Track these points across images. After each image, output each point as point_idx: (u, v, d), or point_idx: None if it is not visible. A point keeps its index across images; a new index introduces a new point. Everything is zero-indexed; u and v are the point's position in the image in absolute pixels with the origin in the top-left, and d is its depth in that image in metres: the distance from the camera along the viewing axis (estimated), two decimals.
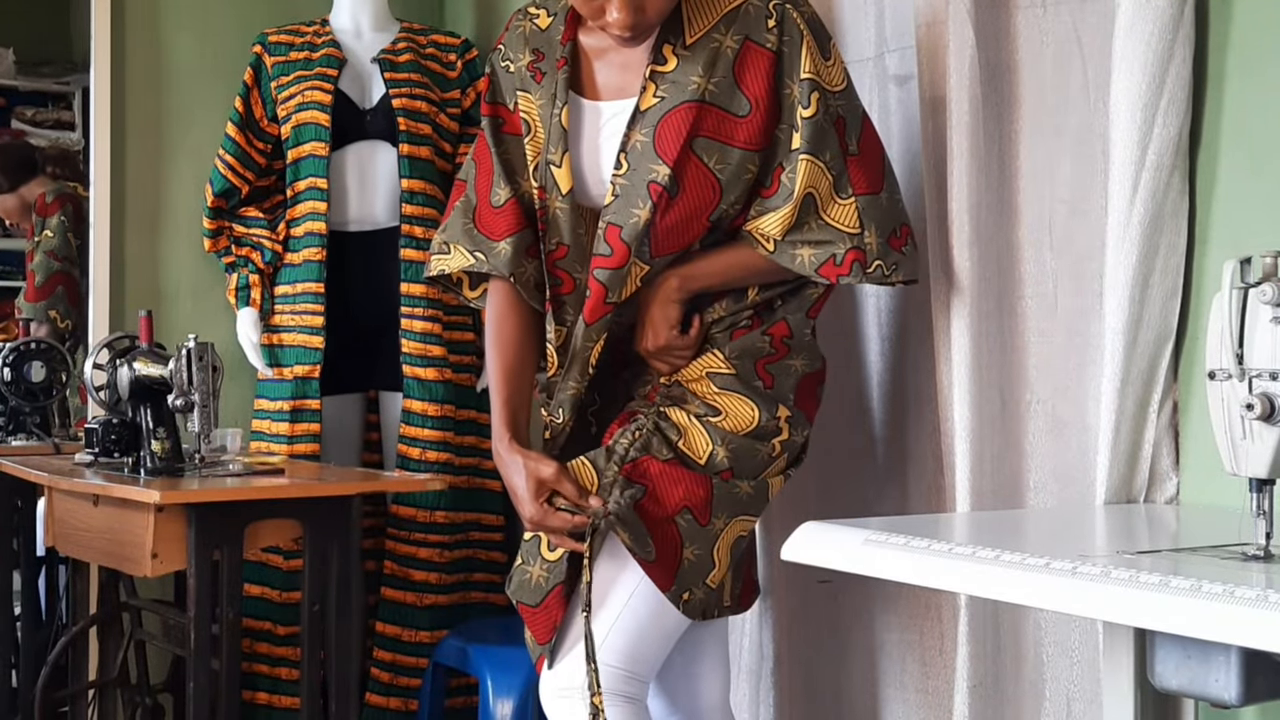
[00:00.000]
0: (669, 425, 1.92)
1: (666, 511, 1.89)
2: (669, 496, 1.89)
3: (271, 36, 3.25)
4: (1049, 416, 1.95)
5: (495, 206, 2.01)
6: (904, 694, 2.23)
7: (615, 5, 1.81)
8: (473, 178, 2.07)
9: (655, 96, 1.90)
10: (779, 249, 1.91)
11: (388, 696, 3.08)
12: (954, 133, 1.99)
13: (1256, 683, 1.36)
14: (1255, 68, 1.74)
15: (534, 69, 2.00)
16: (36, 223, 3.86)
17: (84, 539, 2.70)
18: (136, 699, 3.05)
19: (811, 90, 1.88)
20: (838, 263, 1.89)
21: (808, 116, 1.88)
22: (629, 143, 1.91)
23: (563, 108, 1.94)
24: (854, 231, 1.89)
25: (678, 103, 1.88)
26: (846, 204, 1.90)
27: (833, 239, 1.90)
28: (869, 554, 1.49)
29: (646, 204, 1.89)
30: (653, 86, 1.90)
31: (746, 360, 1.95)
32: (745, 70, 1.89)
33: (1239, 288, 1.36)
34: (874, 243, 1.90)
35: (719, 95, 1.88)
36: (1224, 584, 1.18)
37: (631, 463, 1.89)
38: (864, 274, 1.90)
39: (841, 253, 1.89)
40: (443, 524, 3.12)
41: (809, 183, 1.88)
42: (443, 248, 2.06)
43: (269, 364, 3.18)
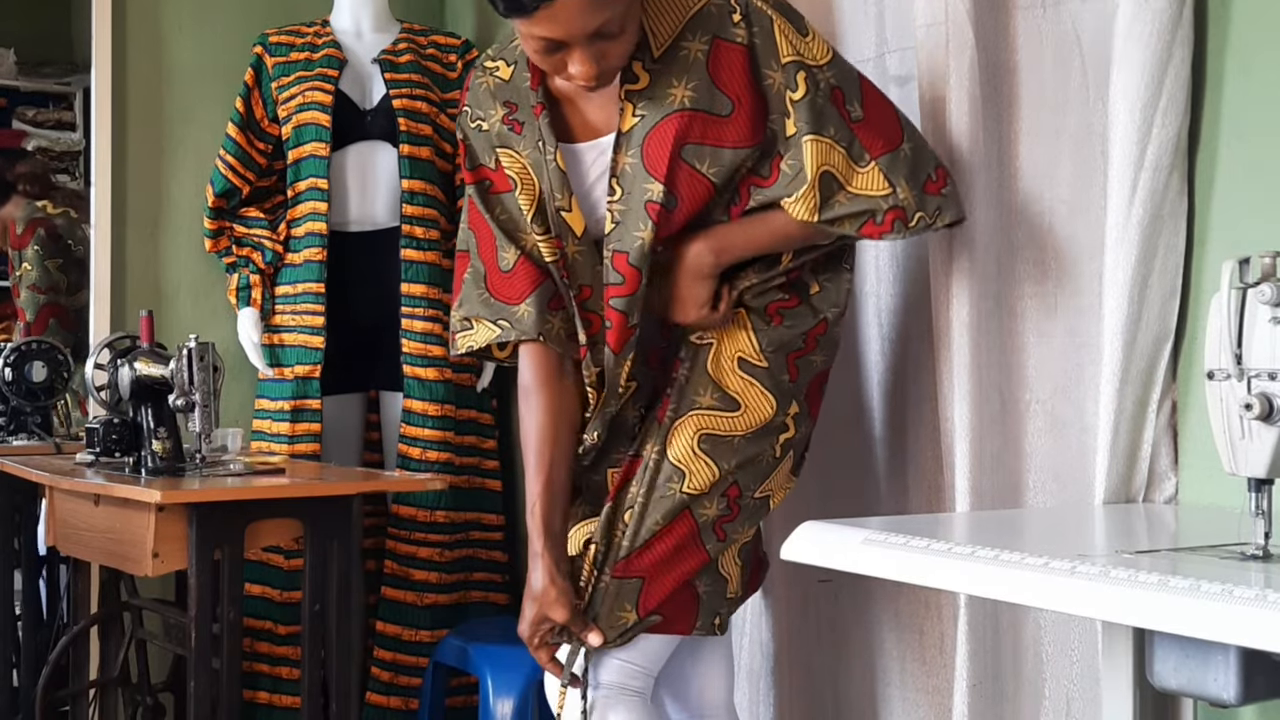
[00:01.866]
0: (671, 470, 1.89)
1: (666, 589, 1.89)
2: (667, 578, 1.89)
3: (272, 37, 3.26)
4: (1048, 416, 1.95)
5: (505, 271, 1.96)
6: (904, 693, 2.23)
7: (575, 59, 1.75)
8: (474, 247, 2.02)
9: (635, 116, 1.86)
10: (815, 229, 1.90)
11: (388, 696, 3.09)
12: (954, 133, 1.99)
13: (1255, 682, 1.36)
14: (1254, 68, 1.74)
15: (510, 121, 1.94)
16: (14, 256, 3.82)
17: (85, 538, 2.71)
18: (137, 698, 3.05)
19: (797, 71, 1.85)
20: (878, 222, 1.87)
21: (799, 99, 1.85)
22: (618, 167, 1.88)
23: (555, 152, 1.90)
24: (886, 193, 1.87)
25: (659, 118, 1.85)
26: (868, 171, 1.87)
27: (868, 208, 1.87)
28: (869, 554, 1.49)
29: (648, 225, 1.86)
30: (630, 107, 1.86)
31: (780, 355, 1.95)
32: (720, 69, 1.85)
33: (1238, 288, 1.36)
34: (909, 197, 1.87)
35: (699, 100, 1.85)
36: (1223, 584, 1.18)
37: (625, 559, 1.88)
38: (907, 229, 1.88)
39: (881, 213, 1.87)
40: (443, 523, 3.13)
41: (821, 162, 1.85)
42: (465, 324, 2.02)
43: (270, 364, 3.18)
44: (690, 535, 1.90)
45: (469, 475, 3.20)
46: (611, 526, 1.90)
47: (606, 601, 1.87)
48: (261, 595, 3.03)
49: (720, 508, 1.90)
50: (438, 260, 3.16)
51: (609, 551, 1.89)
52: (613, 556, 1.88)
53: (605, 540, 1.89)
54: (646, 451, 1.91)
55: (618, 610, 1.88)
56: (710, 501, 1.90)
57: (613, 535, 1.89)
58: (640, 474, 1.90)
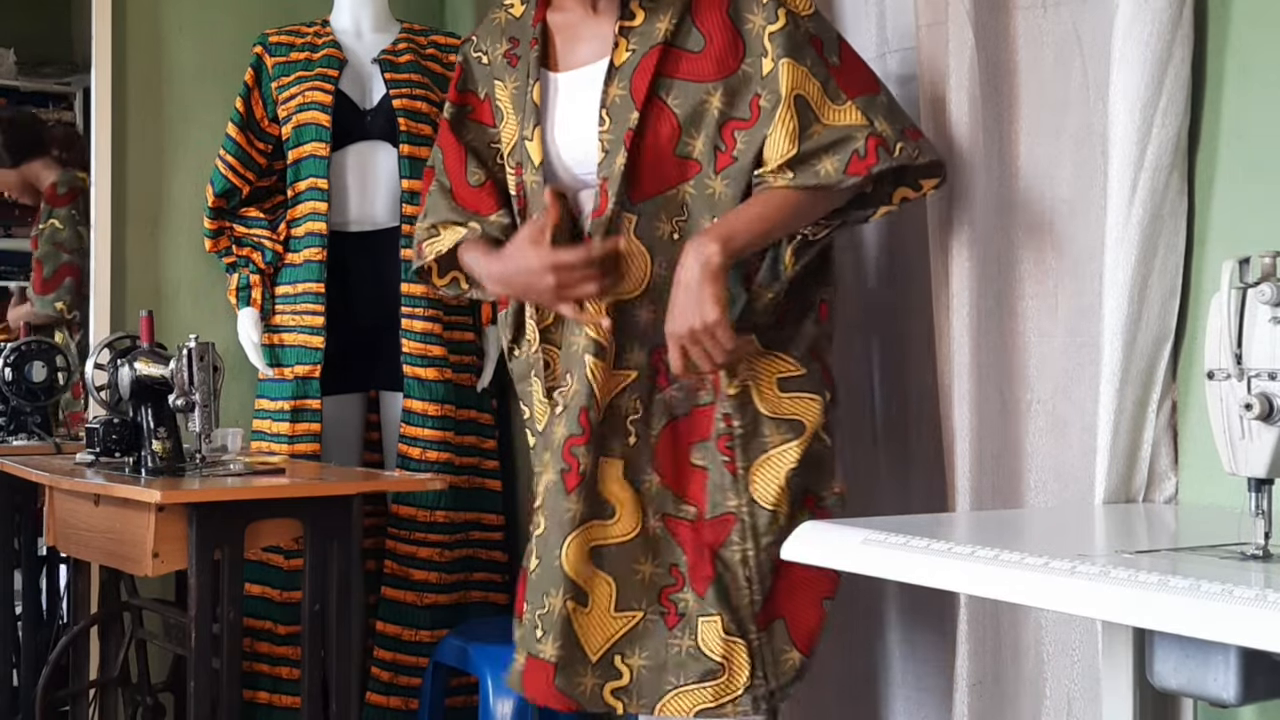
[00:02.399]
0: (769, 516, 1.90)
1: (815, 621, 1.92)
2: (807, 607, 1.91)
3: (272, 37, 3.25)
4: (1048, 416, 1.95)
5: (474, 186, 2.04)
6: (905, 692, 2.23)
7: None
8: (440, 163, 2.10)
9: (627, 51, 1.92)
10: (798, 173, 1.86)
11: (388, 696, 3.08)
12: (954, 133, 1.99)
13: (1255, 682, 1.36)
14: (1254, 68, 1.74)
15: (510, 56, 2.03)
16: (44, 210, 3.83)
17: (85, 538, 2.71)
18: (137, 698, 3.05)
19: (777, 7, 1.88)
20: (861, 155, 1.84)
21: (777, 29, 1.88)
22: (608, 99, 1.92)
23: (534, 84, 1.97)
24: (863, 124, 1.86)
25: (645, 50, 1.91)
26: (843, 108, 1.87)
27: (844, 136, 1.85)
28: (869, 554, 1.49)
29: (624, 151, 1.89)
30: (624, 42, 1.93)
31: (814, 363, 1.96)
32: (700, 7, 1.92)
33: (1237, 287, 1.36)
34: (887, 129, 1.86)
35: (678, 36, 1.91)
36: (1223, 583, 1.18)
37: (761, 612, 1.89)
38: (890, 156, 1.84)
39: (861, 144, 1.85)
40: (443, 523, 3.12)
41: (794, 85, 1.86)
42: (431, 232, 2.07)
43: (269, 364, 3.18)
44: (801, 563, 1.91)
45: (469, 475, 3.20)
46: (734, 586, 1.89)
47: (768, 657, 1.89)
48: (261, 595, 3.02)
49: (806, 519, 1.90)
50: None
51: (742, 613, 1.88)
52: (750, 613, 1.89)
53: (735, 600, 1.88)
54: (735, 506, 1.90)
55: (781, 657, 1.90)
56: (798, 520, 1.88)
57: (739, 593, 1.89)
58: (739, 529, 1.90)
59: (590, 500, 1.93)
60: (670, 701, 1.90)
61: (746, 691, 1.87)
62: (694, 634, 1.89)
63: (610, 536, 1.92)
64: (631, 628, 1.92)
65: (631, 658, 1.92)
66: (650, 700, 1.91)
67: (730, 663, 1.87)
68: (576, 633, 1.91)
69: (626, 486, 1.93)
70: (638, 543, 1.92)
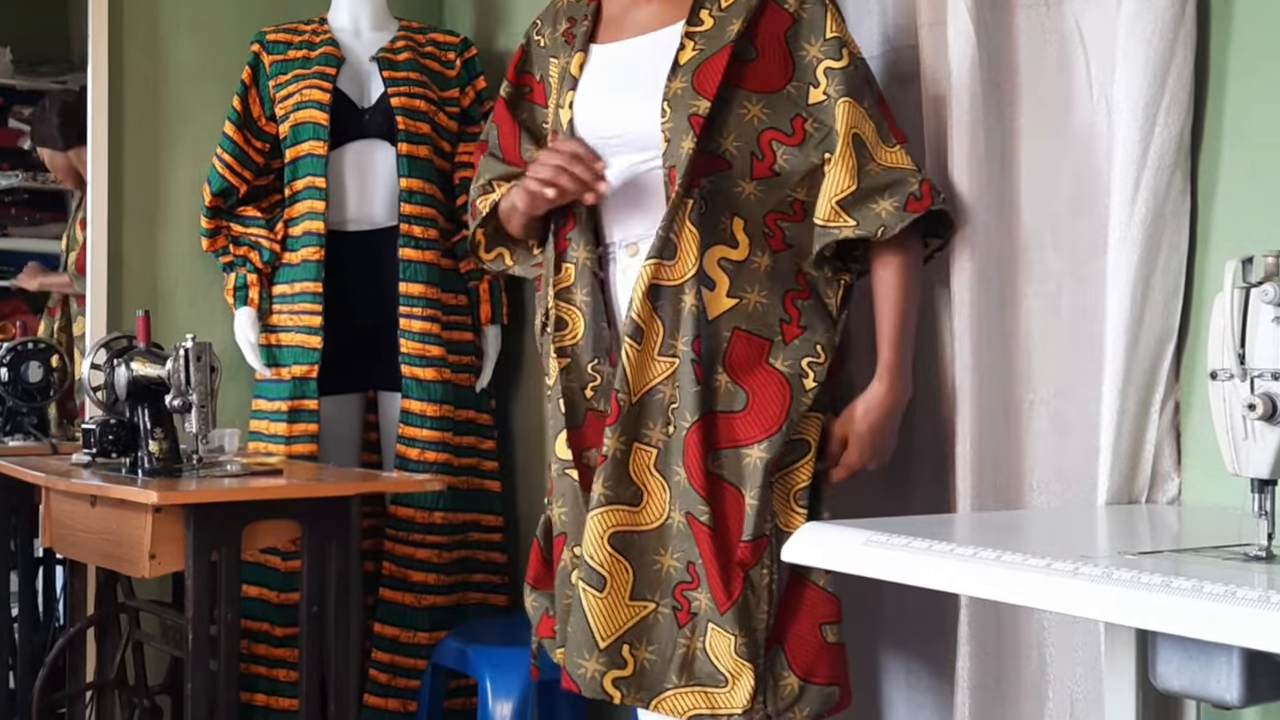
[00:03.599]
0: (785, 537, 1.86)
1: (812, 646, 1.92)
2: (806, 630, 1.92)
3: (270, 35, 3.25)
4: (1051, 417, 1.94)
5: (528, 161, 2.11)
6: (907, 693, 2.22)
7: None
8: (495, 138, 2.20)
9: (693, 50, 1.98)
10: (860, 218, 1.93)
11: (386, 698, 3.08)
12: (955, 132, 1.99)
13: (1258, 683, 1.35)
14: (1257, 67, 1.74)
15: (567, 35, 2.12)
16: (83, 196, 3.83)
17: (82, 540, 2.70)
18: (134, 700, 3.04)
19: (841, 46, 1.97)
20: (918, 197, 1.93)
21: (840, 67, 1.96)
22: (670, 93, 1.97)
23: (575, 55, 2.06)
24: (913, 168, 1.96)
25: (715, 51, 1.96)
26: (894, 150, 1.97)
27: (899, 179, 1.94)
28: (870, 555, 1.48)
29: (689, 135, 1.93)
30: (690, 43, 1.99)
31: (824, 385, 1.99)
32: (759, 23, 1.98)
33: (1241, 287, 1.35)
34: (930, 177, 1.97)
35: (737, 45, 1.97)
36: (1226, 585, 1.18)
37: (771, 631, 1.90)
38: (937, 200, 1.94)
39: (916, 186, 1.93)
40: (441, 525, 3.12)
41: (853, 124, 1.95)
42: (485, 188, 2.17)
43: (267, 364, 3.17)
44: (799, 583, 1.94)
45: (467, 476, 3.19)
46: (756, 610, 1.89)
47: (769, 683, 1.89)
48: (259, 597, 3.02)
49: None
50: (436, 259, 3.15)
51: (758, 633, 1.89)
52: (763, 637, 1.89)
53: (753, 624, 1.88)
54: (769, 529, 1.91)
55: (781, 682, 1.90)
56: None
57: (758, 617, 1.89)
58: (769, 552, 1.89)
59: (618, 482, 1.93)
60: (667, 700, 1.89)
61: (744, 714, 1.87)
62: (704, 638, 1.89)
63: (636, 524, 1.93)
64: (642, 618, 1.92)
65: (639, 649, 1.91)
66: (648, 695, 1.90)
67: (736, 680, 1.87)
68: (588, 616, 1.91)
69: (656, 476, 1.93)
70: (658, 532, 1.92)
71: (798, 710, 1.90)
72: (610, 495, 1.92)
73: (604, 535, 1.91)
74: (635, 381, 1.94)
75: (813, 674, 1.91)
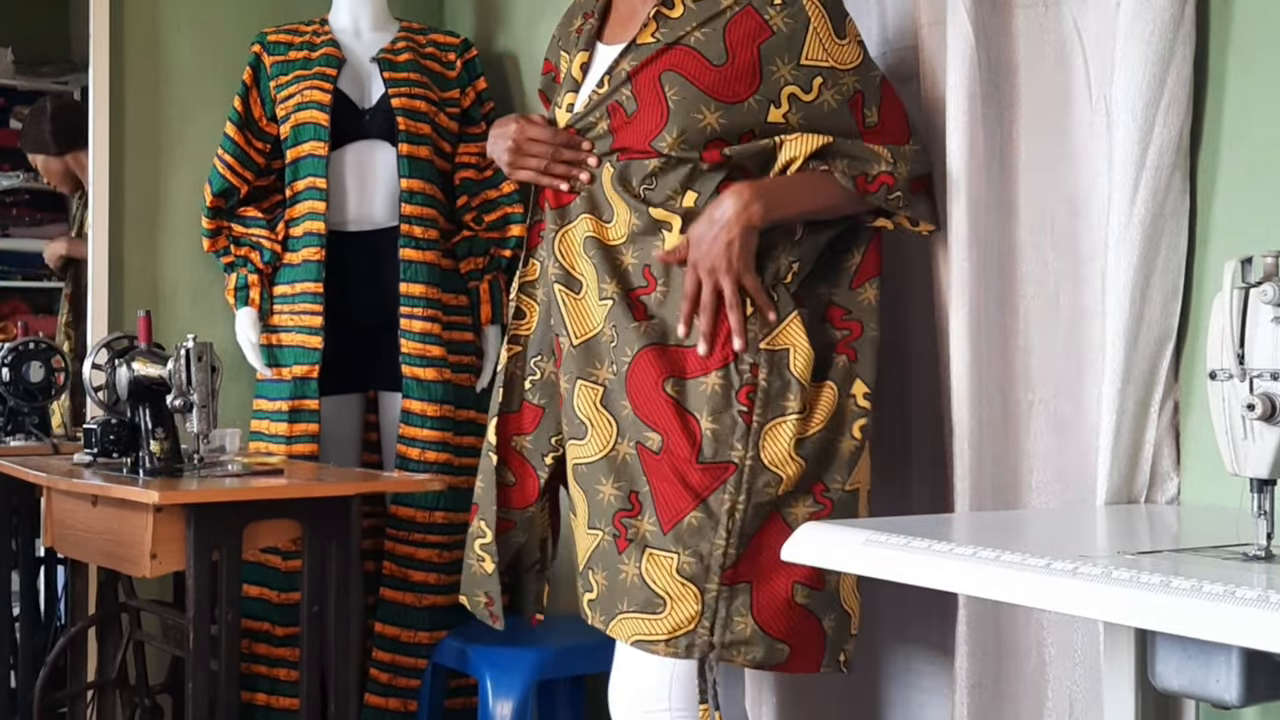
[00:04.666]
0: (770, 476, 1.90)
1: (780, 599, 1.90)
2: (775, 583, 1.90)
3: (270, 36, 3.25)
4: (1050, 417, 1.94)
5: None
6: (906, 693, 2.22)
7: None
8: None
9: (653, 36, 1.99)
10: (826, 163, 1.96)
11: (387, 697, 3.08)
12: (954, 132, 1.99)
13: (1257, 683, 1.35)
14: (1256, 67, 1.74)
15: (580, 30, 2.13)
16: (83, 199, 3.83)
17: (83, 539, 2.70)
18: (135, 700, 3.04)
19: (813, 76, 1.95)
20: (869, 180, 1.95)
21: (808, 100, 1.96)
22: (616, 68, 2.00)
23: (577, 54, 2.08)
24: (888, 159, 1.97)
25: (669, 43, 1.97)
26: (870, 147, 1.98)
27: (869, 158, 1.96)
28: (870, 554, 1.48)
29: (604, 119, 2.00)
30: (654, 25, 1.99)
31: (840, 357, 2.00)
32: (735, 31, 1.96)
33: (1240, 287, 1.35)
34: (903, 173, 1.97)
35: (703, 43, 1.96)
36: (1225, 584, 1.18)
37: (733, 567, 1.88)
38: (886, 199, 1.96)
39: (874, 172, 1.96)
40: (442, 524, 3.12)
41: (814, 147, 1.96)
42: None
43: (268, 364, 3.17)
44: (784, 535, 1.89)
45: (468, 476, 3.17)
46: (708, 533, 1.89)
47: (721, 612, 1.88)
48: (259, 596, 3.02)
49: (809, 504, 1.93)
50: (436, 260, 3.15)
51: (713, 559, 1.88)
52: (719, 564, 1.88)
53: (703, 548, 1.88)
54: (738, 457, 1.91)
55: (735, 618, 1.88)
56: (798, 500, 1.92)
57: (712, 542, 1.88)
58: (736, 479, 1.90)
59: (569, 420, 2.03)
60: (618, 624, 1.93)
61: (684, 635, 1.87)
62: (639, 563, 1.91)
63: (584, 457, 2.00)
64: (595, 546, 1.98)
65: (597, 574, 1.97)
66: (607, 618, 1.95)
67: (672, 600, 1.88)
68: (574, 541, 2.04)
69: (602, 412, 1.98)
70: (602, 464, 1.97)
71: (741, 653, 1.88)
72: (567, 431, 2.04)
73: (571, 467, 2.03)
74: (574, 327, 2.02)
75: (770, 625, 1.89)
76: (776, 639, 1.90)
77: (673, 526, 1.89)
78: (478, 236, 3.21)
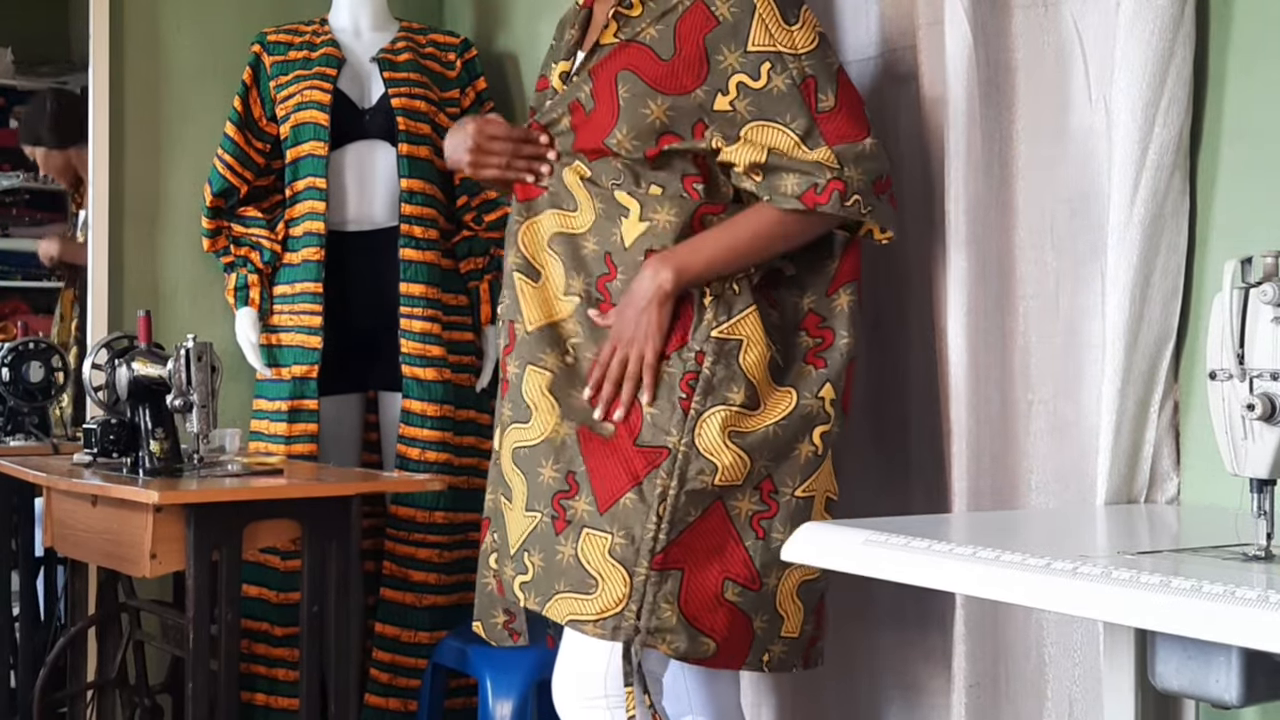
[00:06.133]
0: (703, 463, 1.89)
1: (709, 592, 1.89)
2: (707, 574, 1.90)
3: (270, 36, 3.25)
4: (1050, 417, 1.94)
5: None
6: (905, 693, 2.23)
7: None
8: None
9: (614, 36, 2.00)
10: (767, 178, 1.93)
11: (387, 697, 3.08)
12: (952, 132, 1.99)
13: (1257, 683, 1.35)
14: (1256, 67, 1.74)
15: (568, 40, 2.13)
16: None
17: (83, 539, 2.70)
18: (135, 700, 3.04)
19: (762, 62, 1.92)
20: (818, 191, 1.90)
21: (758, 87, 1.93)
22: (581, 68, 2.03)
23: (559, 65, 2.09)
24: (834, 167, 1.91)
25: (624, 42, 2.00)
26: (818, 151, 1.91)
27: (811, 168, 1.91)
28: (870, 554, 1.48)
29: (566, 117, 2.02)
30: (614, 25, 2.01)
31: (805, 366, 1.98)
32: (684, 24, 1.96)
33: (1240, 288, 1.35)
34: (856, 177, 1.91)
35: (655, 40, 1.97)
36: (1225, 584, 1.18)
37: (663, 552, 1.88)
38: (843, 204, 1.89)
39: (823, 182, 1.90)
40: (442, 524, 3.12)
41: (768, 143, 1.92)
42: None
43: (267, 364, 3.17)
44: (724, 529, 1.90)
45: (468, 476, 3.19)
46: (640, 516, 1.88)
47: (649, 597, 1.88)
48: (259, 596, 3.02)
49: (754, 502, 1.92)
50: (436, 260, 3.16)
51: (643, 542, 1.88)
52: (649, 548, 1.88)
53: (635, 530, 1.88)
54: (672, 442, 1.91)
55: (662, 604, 1.88)
56: (743, 494, 1.91)
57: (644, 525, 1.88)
58: (669, 464, 1.90)
59: (515, 404, 2.02)
60: (553, 604, 1.93)
61: (611, 616, 1.87)
62: (576, 543, 1.91)
63: (525, 440, 1.99)
64: (533, 528, 1.97)
65: (534, 556, 1.96)
66: (543, 599, 1.94)
67: (603, 580, 1.88)
68: (505, 524, 2.02)
69: (546, 395, 1.98)
70: (543, 446, 1.97)
71: (666, 641, 1.88)
72: (510, 415, 2.03)
73: (509, 451, 2.01)
74: (530, 314, 2.02)
75: (696, 618, 1.89)
76: (701, 632, 1.89)
77: (609, 507, 1.90)
78: (478, 236, 3.21)
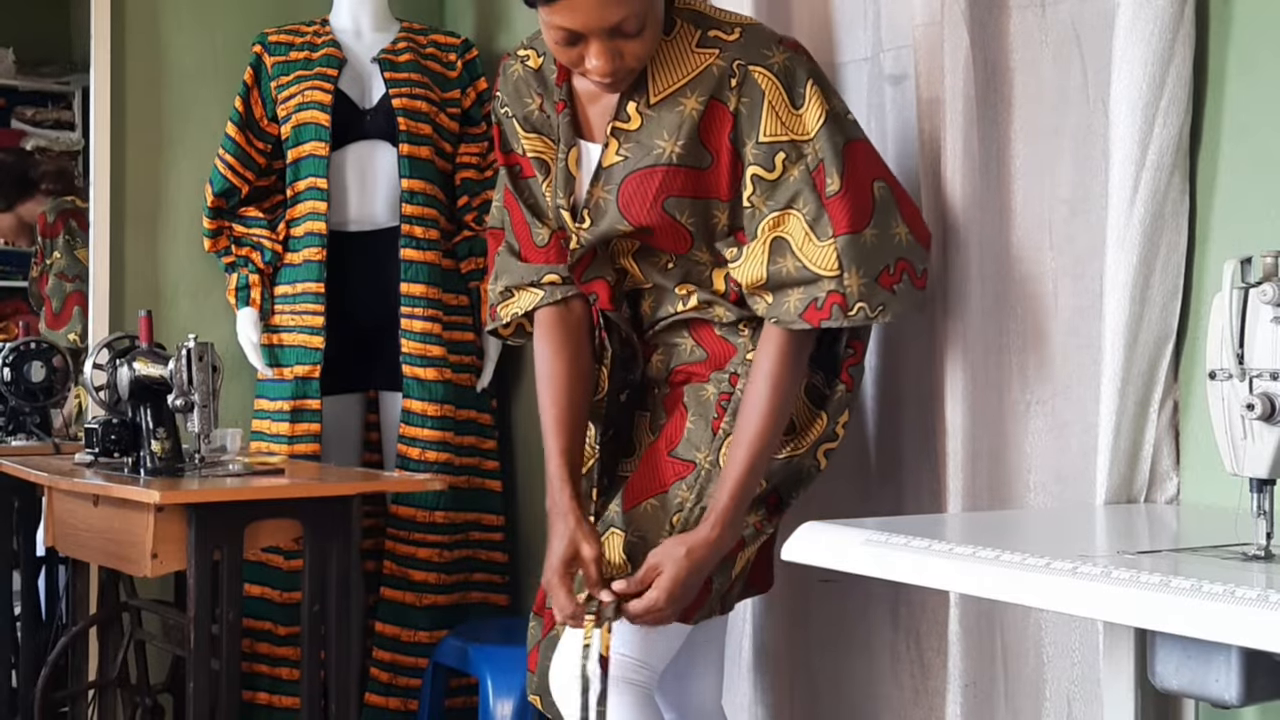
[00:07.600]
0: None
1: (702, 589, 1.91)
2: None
3: (271, 36, 3.25)
4: (1049, 416, 1.94)
5: (540, 246, 2.03)
6: (902, 693, 2.22)
7: (593, 53, 1.79)
8: (509, 224, 2.08)
9: (618, 155, 1.89)
10: (775, 299, 1.88)
11: (387, 696, 3.08)
12: (949, 133, 1.99)
13: (1257, 683, 1.35)
14: (1256, 67, 1.74)
15: (543, 110, 1.99)
16: (44, 245, 3.84)
17: (84, 539, 2.70)
18: (136, 699, 3.05)
19: (774, 153, 1.85)
20: (819, 306, 1.85)
21: (771, 178, 1.86)
22: (592, 200, 1.92)
23: (569, 153, 1.95)
24: (834, 274, 1.84)
25: (642, 165, 1.88)
26: (825, 246, 1.84)
27: (813, 279, 1.85)
28: (869, 554, 1.49)
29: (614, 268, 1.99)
30: (615, 143, 1.90)
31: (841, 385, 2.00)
32: (709, 127, 1.87)
33: (1239, 287, 1.35)
34: (855, 285, 1.84)
35: (686, 157, 1.87)
36: (1224, 584, 1.18)
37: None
38: (845, 316, 1.84)
39: (822, 296, 1.85)
40: (442, 524, 3.12)
41: (776, 228, 1.87)
42: (505, 295, 2.07)
43: (269, 364, 3.18)
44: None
45: (468, 475, 3.20)
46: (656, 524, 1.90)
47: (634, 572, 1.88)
48: (260, 596, 3.02)
49: (760, 515, 1.96)
50: (437, 260, 3.16)
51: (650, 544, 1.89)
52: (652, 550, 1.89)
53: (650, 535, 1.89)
54: (700, 458, 1.93)
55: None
56: (753, 511, 1.94)
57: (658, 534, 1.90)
58: (692, 479, 1.92)
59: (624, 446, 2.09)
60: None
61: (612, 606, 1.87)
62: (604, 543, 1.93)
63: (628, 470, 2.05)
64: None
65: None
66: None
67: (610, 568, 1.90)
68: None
69: (649, 433, 2.06)
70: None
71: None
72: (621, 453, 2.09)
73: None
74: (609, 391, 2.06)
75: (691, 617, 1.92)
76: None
77: (631, 508, 1.92)
78: (478, 236, 3.22)
